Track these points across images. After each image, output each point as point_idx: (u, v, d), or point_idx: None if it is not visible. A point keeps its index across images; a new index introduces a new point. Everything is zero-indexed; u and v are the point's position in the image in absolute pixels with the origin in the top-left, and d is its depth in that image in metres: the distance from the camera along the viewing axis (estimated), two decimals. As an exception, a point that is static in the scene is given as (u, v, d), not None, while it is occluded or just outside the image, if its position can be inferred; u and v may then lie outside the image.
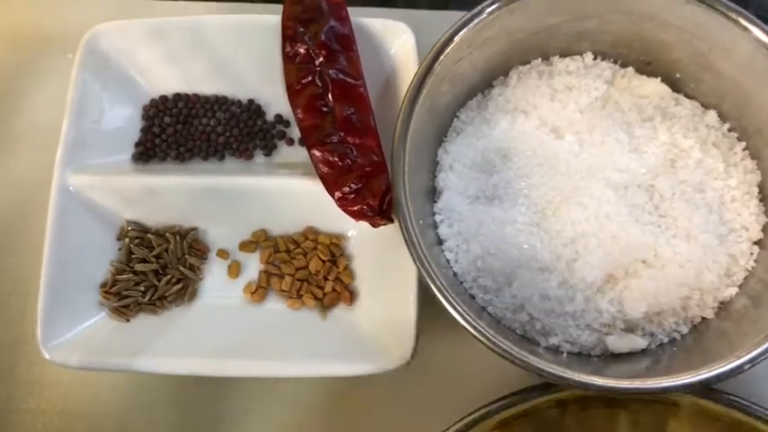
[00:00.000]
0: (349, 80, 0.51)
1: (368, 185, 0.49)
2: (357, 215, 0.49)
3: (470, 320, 0.42)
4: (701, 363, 0.41)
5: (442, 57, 0.46)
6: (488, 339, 0.41)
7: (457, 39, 0.46)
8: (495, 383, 0.47)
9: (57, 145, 0.53)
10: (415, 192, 0.46)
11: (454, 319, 0.42)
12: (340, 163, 0.49)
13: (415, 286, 0.48)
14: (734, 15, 0.44)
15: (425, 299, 0.47)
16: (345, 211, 0.49)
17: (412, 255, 0.43)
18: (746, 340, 0.41)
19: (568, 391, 0.46)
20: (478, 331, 0.41)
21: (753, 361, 0.40)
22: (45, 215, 0.51)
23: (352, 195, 0.48)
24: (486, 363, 0.41)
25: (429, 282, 0.42)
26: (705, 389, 0.45)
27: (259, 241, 0.55)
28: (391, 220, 0.48)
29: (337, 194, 0.49)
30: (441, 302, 0.42)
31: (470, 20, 0.46)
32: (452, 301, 0.42)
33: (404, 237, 0.43)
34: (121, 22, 0.54)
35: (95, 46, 0.54)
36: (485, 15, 0.46)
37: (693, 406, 0.46)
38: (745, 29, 0.44)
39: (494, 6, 0.46)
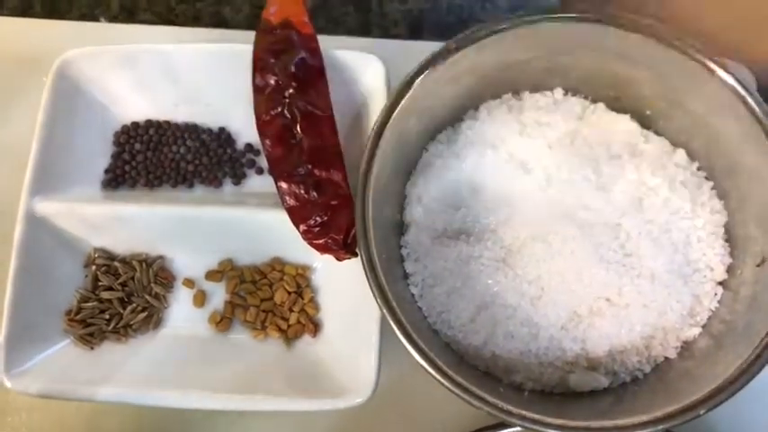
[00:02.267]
0: (318, 112, 0.51)
1: (333, 219, 0.49)
2: (322, 248, 0.49)
3: (429, 358, 0.41)
4: (664, 403, 0.41)
5: (409, 92, 0.45)
6: (445, 377, 0.41)
7: (424, 75, 0.45)
8: (459, 417, 0.47)
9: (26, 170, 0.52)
10: (380, 226, 0.45)
11: (413, 355, 0.42)
12: (306, 196, 0.49)
13: (378, 321, 0.48)
14: (700, 57, 0.44)
15: (389, 332, 0.47)
16: (310, 244, 0.49)
17: (372, 289, 0.43)
18: (708, 381, 0.41)
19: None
20: (436, 370, 0.41)
21: (710, 405, 0.40)
22: (11, 241, 0.51)
23: (318, 228, 0.48)
24: (449, 397, 0.40)
25: (389, 318, 0.42)
26: None
27: (225, 271, 0.55)
28: (356, 255, 0.48)
29: (302, 227, 0.49)
30: (400, 339, 0.42)
31: (438, 56, 0.46)
32: (411, 338, 0.42)
33: (364, 271, 0.43)
34: (93, 49, 0.54)
35: (66, 72, 0.54)
36: (453, 51, 0.46)
37: None
38: (712, 71, 0.44)
39: (462, 43, 0.45)
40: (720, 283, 0.47)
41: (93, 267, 0.54)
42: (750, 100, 0.44)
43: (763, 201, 0.45)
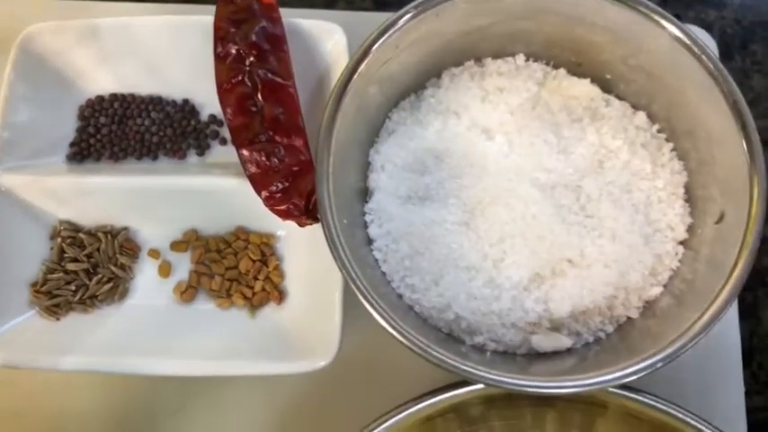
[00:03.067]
0: (278, 80, 0.51)
1: (295, 185, 0.49)
2: (284, 214, 0.49)
3: (388, 318, 0.41)
4: (627, 361, 0.41)
5: (367, 58, 0.46)
6: (405, 337, 0.41)
7: (382, 40, 0.46)
8: (422, 379, 0.47)
9: (-10, 145, 0.52)
10: (342, 192, 0.46)
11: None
12: (267, 162, 0.49)
13: (341, 286, 0.49)
14: (655, 16, 0.45)
15: (353, 297, 0.47)
16: (272, 210, 0.49)
17: (333, 254, 0.43)
18: (668, 338, 0.41)
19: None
20: (395, 329, 0.41)
21: (666, 358, 0.40)
22: (-24, 214, 0.51)
23: (279, 195, 0.48)
24: (412, 358, 0.41)
25: (349, 281, 0.43)
26: (630, 389, 0.45)
27: (190, 241, 0.55)
28: (317, 220, 0.48)
29: (264, 194, 0.49)
30: (361, 301, 0.42)
31: (395, 21, 0.46)
32: (372, 301, 0.42)
33: (325, 236, 0.43)
34: (55, 23, 0.54)
35: (30, 46, 0.54)
36: (410, 17, 0.46)
37: (621, 407, 0.47)
38: (664, 28, 0.45)
39: (419, 8, 0.46)
40: (681, 243, 0.48)
41: (59, 239, 0.54)
42: (704, 58, 0.44)
43: (722, 161, 0.45)
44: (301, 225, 0.49)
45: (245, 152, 0.49)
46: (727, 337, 0.54)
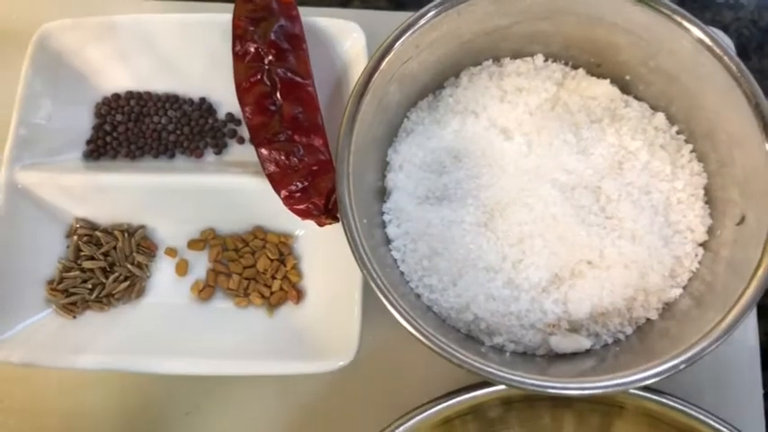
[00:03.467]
0: (297, 79, 0.51)
1: (314, 184, 0.49)
2: (303, 214, 0.49)
3: (409, 319, 0.41)
4: (645, 363, 0.41)
5: (388, 57, 0.46)
6: (426, 337, 0.41)
7: (403, 39, 0.46)
8: (440, 380, 0.47)
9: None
10: (361, 191, 0.46)
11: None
12: (287, 161, 0.49)
13: (360, 286, 0.49)
14: (677, 17, 0.45)
15: (372, 297, 0.47)
16: (291, 209, 0.49)
17: (354, 253, 0.43)
18: (688, 340, 0.41)
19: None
20: (416, 329, 0.41)
21: (689, 360, 0.40)
22: (-8, 212, 0.51)
23: (299, 194, 0.48)
24: (431, 359, 0.41)
25: (370, 280, 0.42)
26: (649, 390, 0.46)
27: (207, 240, 0.55)
28: (337, 220, 0.48)
29: (283, 193, 0.49)
30: (381, 300, 0.42)
31: (417, 20, 0.46)
32: (392, 300, 0.42)
33: (346, 236, 0.43)
34: (72, 20, 0.54)
35: (46, 43, 0.54)
36: (431, 15, 0.46)
37: (639, 408, 0.47)
38: (687, 30, 0.44)
39: (441, 7, 0.46)
40: (701, 245, 0.48)
41: (75, 237, 0.54)
42: (726, 59, 0.44)
43: (742, 163, 0.45)
44: (321, 224, 0.49)
45: (264, 151, 0.49)
46: (744, 338, 0.54)
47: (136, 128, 0.57)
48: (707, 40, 0.44)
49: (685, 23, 0.44)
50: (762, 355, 0.54)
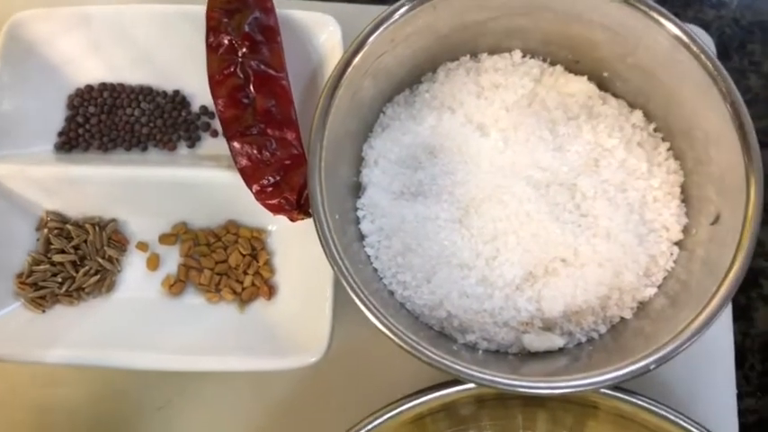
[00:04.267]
0: (271, 72, 0.50)
1: (286, 179, 0.48)
2: (275, 209, 0.49)
3: (380, 316, 0.41)
4: (619, 362, 0.41)
5: (362, 51, 0.45)
6: (396, 335, 0.41)
7: (377, 33, 0.45)
8: (412, 377, 0.47)
9: (-24, 133, 0.52)
10: (334, 186, 0.46)
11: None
12: (259, 155, 0.49)
13: (331, 282, 0.48)
14: (653, 14, 0.44)
15: (344, 294, 0.47)
16: (263, 204, 0.49)
17: (324, 250, 0.43)
18: (661, 339, 0.41)
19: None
20: (387, 327, 0.41)
21: (660, 360, 0.40)
22: (-39, 203, 0.51)
23: (271, 189, 0.48)
24: (403, 356, 0.41)
25: (340, 277, 0.42)
26: (620, 390, 0.46)
27: (179, 234, 0.55)
28: (309, 215, 0.48)
29: (255, 187, 0.48)
30: (351, 297, 0.42)
31: (391, 14, 0.45)
32: (363, 297, 0.42)
33: (317, 231, 0.43)
34: (44, 10, 0.54)
35: (17, 33, 0.53)
36: (406, 10, 0.45)
37: (612, 409, 0.47)
38: (663, 26, 0.44)
39: (416, 1, 0.45)
40: (676, 244, 0.48)
41: (46, 230, 0.54)
42: (703, 57, 0.44)
43: (718, 161, 0.45)
44: (293, 220, 0.49)
45: (236, 144, 0.49)
46: (719, 338, 0.54)
47: (108, 120, 0.57)
48: (684, 37, 0.44)
49: (662, 20, 0.44)
50: (736, 355, 0.54)
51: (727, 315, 0.55)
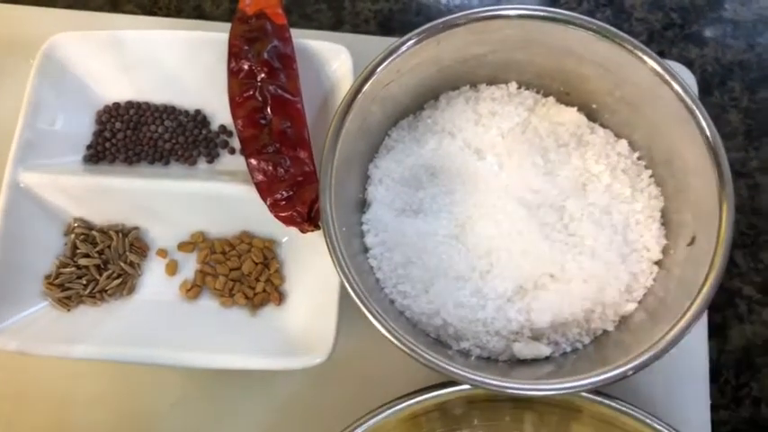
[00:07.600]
0: (287, 96, 0.54)
1: (298, 194, 0.51)
2: (287, 221, 0.51)
3: (383, 322, 0.44)
4: (599, 369, 0.43)
5: (371, 80, 0.48)
6: (397, 339, 0.43)
7: (385, 64, 0.48)
8: (409, 379, 0.49)
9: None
10: (342, 202, 0.48)
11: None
12: (274, 172, 0.52)
13: (338, 290, 0.51)
14: (638, 52, 0.47)
15: (349, 301, 0.48)
16: (276, 216, 0.52)
17: (332, 259, 0.45)
18: (639, 349, 0.44)
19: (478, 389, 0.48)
20: (389, 331, 0.43)
21: (636, 368, 0.43)
22: (-4, 210, 0.53)
23: (284, 202, 0.51)
24: (401, 360, 0.43)
25: (347, 285, 0.45)
26: (603, 395, 0.48)
27: (197, 242, 0.58)
28: (318, 227, 0.51)
29: (269, 200, 0.51)
30: (356, 303, 0.44)
31: (399, 47, 0.48)
32: (367, 304, 0.44)
33: (326, 243, 0.46)
34: (79, 33, 0.57)
35: (53, 54, 0.57)
36: (412, 43, 0.48)
37: (595, 413, 0.49)
38: (646, 63, 0.47)
39: (422, 35, 0.48)
40: (656, 263, 0.50)
41: (73, 236, 0.57)
42: (682, 93, 0.46)
43: (696, 188, 0.48)
44: (303, 231, 0.52)
45: (253, 161, 0.52)
46: (695, 354, 0.57)
47: (134, 135, 0.60)
48: (665, 74, 0.47)
49: (645, 58, 0.47)
50: (712, 370, 0.57)
51: (702, 330, 0.57)
